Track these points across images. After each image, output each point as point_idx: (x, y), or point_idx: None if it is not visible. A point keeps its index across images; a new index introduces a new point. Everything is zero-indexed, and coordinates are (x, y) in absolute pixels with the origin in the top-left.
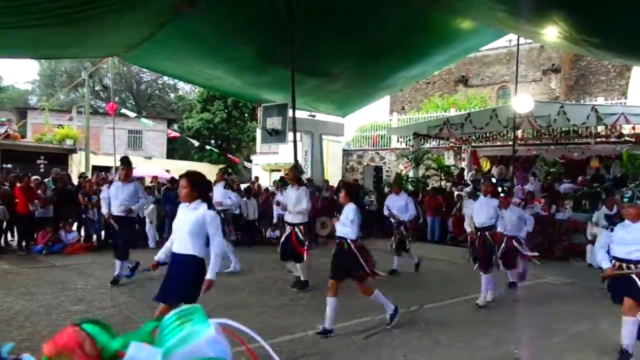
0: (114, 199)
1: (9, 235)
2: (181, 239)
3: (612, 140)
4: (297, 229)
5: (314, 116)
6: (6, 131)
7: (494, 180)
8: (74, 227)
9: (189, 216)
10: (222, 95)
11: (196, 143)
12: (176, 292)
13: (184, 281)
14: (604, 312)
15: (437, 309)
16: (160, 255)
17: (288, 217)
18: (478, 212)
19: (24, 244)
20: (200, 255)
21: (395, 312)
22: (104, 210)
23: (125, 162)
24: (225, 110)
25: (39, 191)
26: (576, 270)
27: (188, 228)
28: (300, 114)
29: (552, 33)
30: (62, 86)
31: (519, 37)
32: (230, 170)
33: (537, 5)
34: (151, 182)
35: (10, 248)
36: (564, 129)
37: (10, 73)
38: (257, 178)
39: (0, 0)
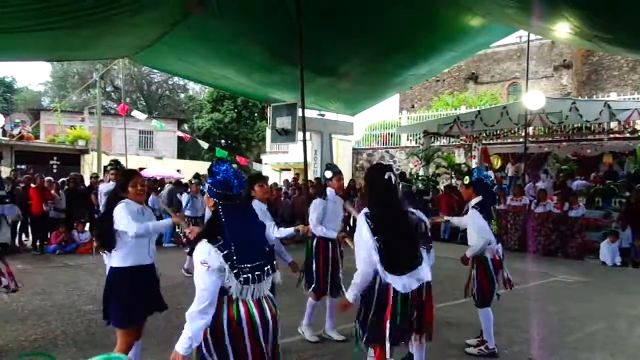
0: None
1: (23, 235)
2: None
3: (625, 136)
4: None
5: (323, 115)
6: (20, 132)
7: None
8: (87, 228)
9: None
10: (231, 95)
11: (205, 145)
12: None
13: None
14: (620, 311)
15: (448, 308)
16: None
17: None
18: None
19: (38, 244)
20: None
21: None
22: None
23: None
24: (235, 110)
25: (52, 191)
26: (590, 268)
27: None
28: (310, 113)
29: (563, 29)
30: (74, 87)
31: (529, 34)
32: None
33: (547, 2)
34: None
35: (24, 248)
36: (576, 125)
37: (23, 75)
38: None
39: (15, 5)
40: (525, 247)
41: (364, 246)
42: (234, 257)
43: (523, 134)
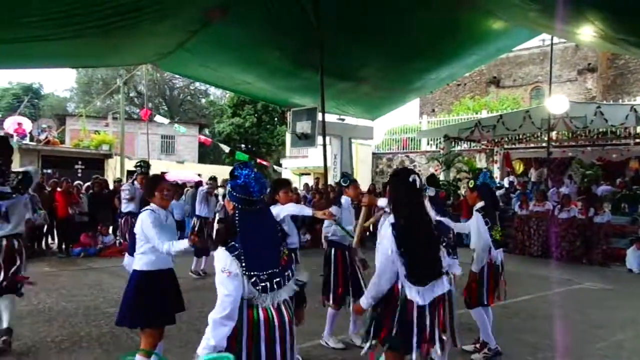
0: None
1: (49, 238)
2: None
3: None
4: None
5: (343, 120)
6: (46, 137)
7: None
8: (110, 231)
9: None
10: (252, 99)
11: (226, 149)
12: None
13: None
14: None
15: (468, 314)
16: None
17: None
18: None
19: (63, 246)
20: None
21: None
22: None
23: None
24: (255, 115)
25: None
26: (616, 275)
27: None
28: (330, 118)
29: (587, 32)
30: (98, 93)
31: (552, 37)
32: None
33: (570, 5)
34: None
35: (50, 251)
36: (601, 129)
37: (50, 81)
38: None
39: (42, 14)
40: (548, 253)
41: (386, 258)
42: (244, 265)
43: (546, 138)
